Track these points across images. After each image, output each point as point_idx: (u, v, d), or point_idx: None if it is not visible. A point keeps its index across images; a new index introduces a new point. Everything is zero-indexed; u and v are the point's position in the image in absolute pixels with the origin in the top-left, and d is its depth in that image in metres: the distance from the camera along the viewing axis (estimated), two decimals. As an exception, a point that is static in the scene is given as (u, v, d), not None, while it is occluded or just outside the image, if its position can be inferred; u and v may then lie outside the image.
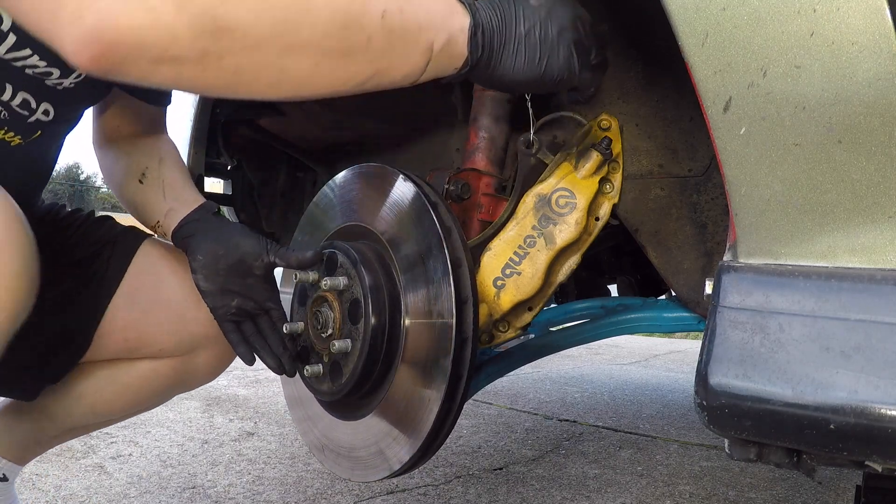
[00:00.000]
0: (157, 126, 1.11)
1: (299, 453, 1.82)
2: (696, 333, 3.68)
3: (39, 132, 0.88)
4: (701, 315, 0.99)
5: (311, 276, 0.90)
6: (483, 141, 1.03)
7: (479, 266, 0.91)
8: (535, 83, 0.74)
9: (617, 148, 0.87)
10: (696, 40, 0.55)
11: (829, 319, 0.52)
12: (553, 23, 0.72)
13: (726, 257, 0.60)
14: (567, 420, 2.37)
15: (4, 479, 1.10)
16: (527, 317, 0.93)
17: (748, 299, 0.56)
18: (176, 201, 0.98)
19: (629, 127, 1.04)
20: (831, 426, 0.49)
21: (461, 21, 0.68)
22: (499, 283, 0.90)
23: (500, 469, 1.77)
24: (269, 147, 1.61)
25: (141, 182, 1.03)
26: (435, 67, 0.68)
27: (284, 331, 0.95)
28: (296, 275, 0.91)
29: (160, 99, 1.09)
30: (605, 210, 0.94)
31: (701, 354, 0.57)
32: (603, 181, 0.92)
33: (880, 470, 0.55)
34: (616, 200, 0.93)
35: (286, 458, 1.78)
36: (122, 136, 1.09)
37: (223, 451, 1.81)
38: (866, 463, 0.53)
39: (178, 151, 1.10)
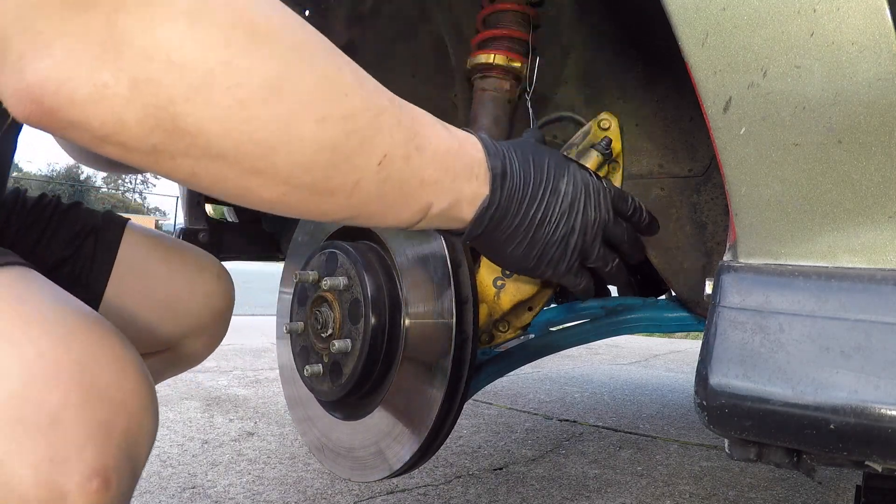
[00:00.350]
0: None
1: (299, 453, 1.82)
2: (696, 333, 3.69)
3: None
4: (701, 315, 0.99)
5: (311, 275, 0.90)
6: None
7: (479, 266, 0.91)
8: (521, 271, 0.69)
9: (617, 147, 0.87)
10: (696, 40, 0.55)
11: (829, 319, 0.52)
12: (567, 222, 0.66)
13: (726, 257, 0.60)
14: (567, 420, 2.37)
15: None
16: (527, 317, 0.93)
17: (748, 299, 0.56)
18: None
19: (629, 127, 1.04)
20: (831, 426, 0.49)
21: (476, 190, 0.60)
22: (499, 283, 0.89)
23: (500, 469, 1.77)
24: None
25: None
26: (426, 225, 0.60)
27: (284, 330, 0.95)
28: (296, 275, 0.91)
29: None
30: None
31: (701, 354, 0.57)
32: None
33: (880, 470, 0.55)
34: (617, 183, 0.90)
35: (286, 458, 1.77)
36: None
37: (223, 451, 1.81)
38: (866, 463, 0.53)
39: None
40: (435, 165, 0.56)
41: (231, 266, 1.69)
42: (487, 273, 0.90)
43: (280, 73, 0.44)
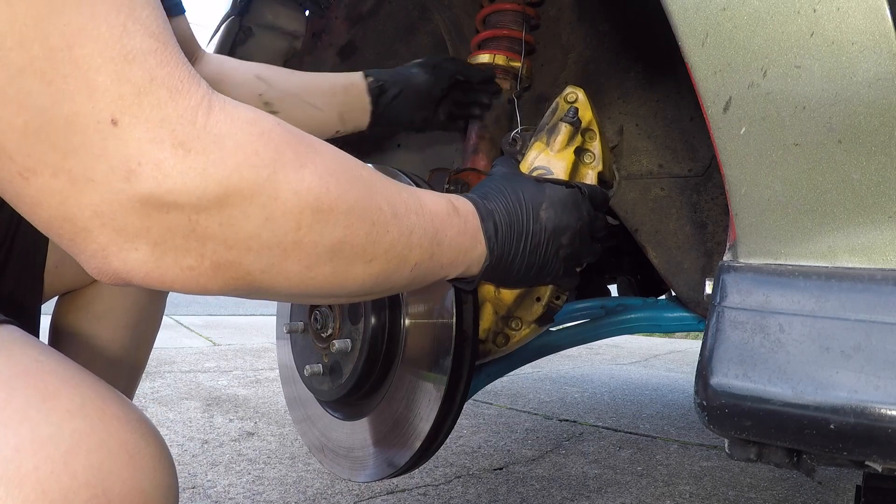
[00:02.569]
0: (189, 49, 0.99)
1: (299, 453, 1.82)
2: (696, 333, 3.69)
3: None
4: (701, 315, 0.99)
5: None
6: (483, 141, 1.03)
7: None
8: (522, 287, 0.81)
9: (588, 115, 0.85)
10: (696, 40, 0.55)
11: (829, 319, 0.52)
12: (554, 241, 0.74)
13: (726, 257, 0.60)
14: (567, 420, 2.37)
15: None
16: (537, 308, 0.90)
17: (748, 299, 0.56)
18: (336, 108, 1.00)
19: (629, 127, 1.04)
20: (831, 426, 0.49)
21: (480, 253, 0.69)
22: None
23: (500, 469, 1.77)
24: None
25: (276, 112, 0.97)
26: (439, 281, 0.69)
27: (284, 331, 0.94)
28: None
29: (166, 9, 0.94)
30: (590, 180, 0.90)
31: (701, 354, 0.57)
32: (580, 151, 0.87)
33: (880, 470, 0.55)
34: (601, 168, 0.88)
35: (286, 458, 1.78)
36: None
37: (223, 451, 1.81)
38: (866, 463, 0.53)
39: (242, 64, 1.01)
40: (452, 251, 0.65)
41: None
42: None
43: (340, 237, 0.52)
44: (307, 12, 1.32)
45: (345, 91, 1.03)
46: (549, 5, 1.10)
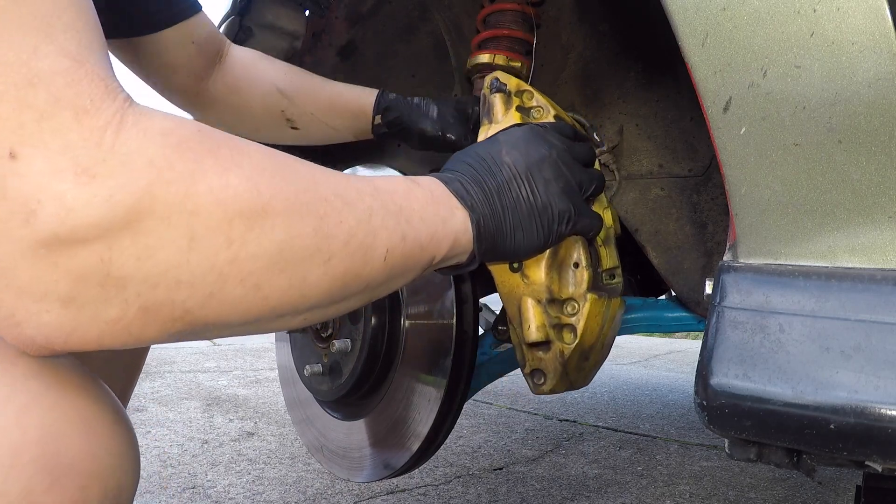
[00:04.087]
0: (215, 46, 0.94)
1: (299, 453, 1.82)
2: (696, 333, 3.69)
3: None
4: (701, 315, 0.99)
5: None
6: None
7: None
8: (541, 249, 0.70)
9: (513, 81, 0.80)
10: (696, 40, 0.55)
11: (829, 319, 0.52)
12: (535, 178, 0.67)
13: (726, 257, 0.60)
14: (567, 420, 2.37)
15: None
16: (581, 276, 0.76)
17: (748, 299, 0.56)
18: (355, 120, 0.96)
19: (629, 127, 1.04)
20: (831, 426, 0.49)
21: (462, 219, 0.62)
22: (514, 265, 0.77)
23: (500, 469, 1.77)
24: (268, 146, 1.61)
25: (296, 128, 0.95)
26: (434, 268, 0.62)
27: (284, 330, 0.94)
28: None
29: (177, 12, 0.88)
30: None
31: (701, 354, 0.57)
32: (524, 110, 0.80)
33: (880, 470, 0.55)
34: (553, 113, 0.80)
35: (286, 458, 1.77)
36: (201, 90, 0.94)
37: (223, 451, 1.81)
38: (866, 463, 0.53)
39: (272, 60, 0.98)
40: (427, 224, 0.58)
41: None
42: (496, 270, 0.78)
43: (283, 241, 0.45)
44: (307, 12, 1.32)
45: (354, 118, 1.01)
46: (549, 5, 1.10)
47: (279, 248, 0.44)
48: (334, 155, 1.56)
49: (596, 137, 1.04)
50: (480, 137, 0.78)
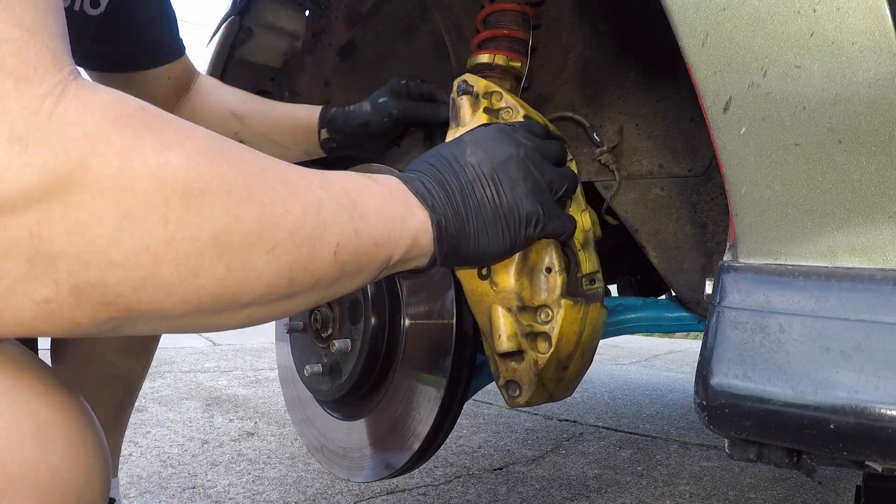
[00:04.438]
0: (187, 79, 1.04)
1: (299, 453, 1.82)
2: (696, 333, 3.69)
3: None
4: (701, 315, 0.99)
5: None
6: (483, 141, 1.03)
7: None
8: (509, 253, 0.66)
9: (481, 83, 0.78)
10: (696, 40, 0.55)
11: (829, 319, 0.52)
12: (500, 178, 0.63)
13: (726, 257, 0.60)
14: (567, 420, 2.37)
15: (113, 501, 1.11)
16: (555, 280, 0.73)
17: (748, 299, 0.56)
18: (299, 146, 1.00)
19: (629, 127, 1.04)
20: (831, 426, 0.49)
21: (422, 219, 0.59)
22: (483, 271, 0.74)
23: (500, 469, 1.77)
24: (269, 147, 1.61)
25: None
26: (393, 271, 0.60)
27: (284, 331, 0.95)
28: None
29: (163, 56, 1.00)
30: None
31: (701, 354, 0.57)
32: (492, 111, 0.77)
33: (880, 470, 0.55)
34: (524, 113, 0.77)
35: (286, 458, 1.77)
36: (172, 109, 1.03)
37: (223, 451, 1.81)
38: (866, 463, 0.53)
39: (230, 89, 1.06)
40: (383, 222, 0.55)
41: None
42: (464, 277, 0.75)
43: (223, 225, 0.43)
44: (307, 12, 1.32)
45: (305, 135, 1.06)
46: (549, 5, 1.10)
47: (218, 232, 0.42)
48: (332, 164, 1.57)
49: (596, 137, 1.04)
50: (448, 140, 0.75)
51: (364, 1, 1.31)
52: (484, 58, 1.04)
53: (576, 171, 0.83)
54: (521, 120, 0.75)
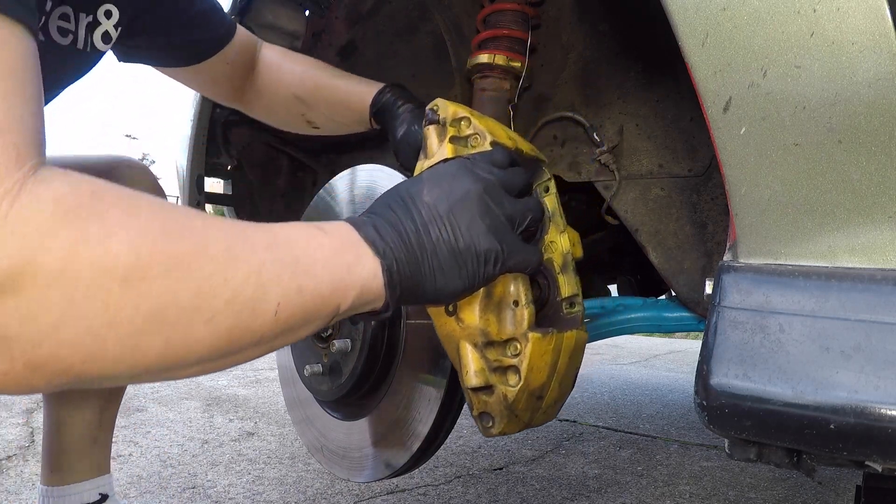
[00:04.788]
0: (248, 58, 1.06)
1: (299, 453, 1.82)
2: (696, 333, 3.69)
3: None
4: (701, 315, 0.99)
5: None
6: (483, 141, 1.03)
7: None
8: (469, 291, 0.66)
9: (450, 109, 0.75)
10: (696, 40, 0.55)
11: (829, 319, 0.52)
12: (459, 216, 0.62)
13: (726, 257, 0.60)
14: (567, 420, 2.37)
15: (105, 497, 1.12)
16: (522, 314, 0.72)
17: (748, 299, 0.56)
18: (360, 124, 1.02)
19: (629, 127, 1.04)
20: (831, 426, 0.49)
21: (371, 266, 0.59)
22: (449, 308, 0.74)
23: (500, 469, 1.77)
24: (269, 147, 1.61)
25: (316, 127, 1.04)
26: (345, 316, 0.61)
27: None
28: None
29: (213, 46, 1.01)
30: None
31: (701, 354, 0.57)
32: (459, 139, 0.75)
33: (880, 470, 0.55)
34: (491, 139, 0.75)
35: (286, 458, 1.78)
36: (239, 97, 1.07)
37: (223, 451, 1.81)
38: (866, 463, 0.53)
39: (292, 63, 1.07)
40: (330, 274, 0.57)
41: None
42: (433, 313, 0.73)
43: (160, 304, 0.46)
44: (307, 12, 1.32)
45: (359, 119, 1.06)
46: (550, 5, 1.10)
47: (155, 311, 0.46)
48: (342, 148, 1.57)
49: (596, 137, 1.04)
50: (415, 173, 0.74)
51: (364, 1, 1.31)
52: (484, 58, 1.04)
53: (552, 190, 0.81)
54: (488, 147, 0.73)
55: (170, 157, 1.73)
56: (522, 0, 1.04)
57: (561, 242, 0.79)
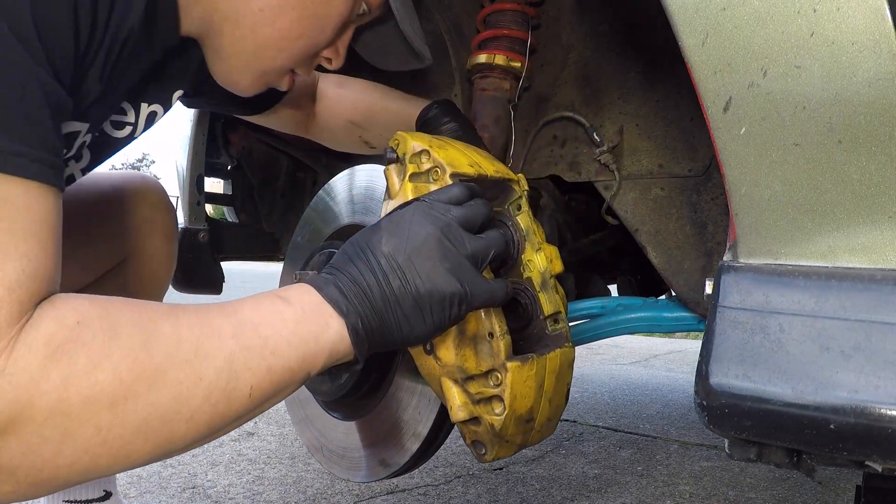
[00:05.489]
0: (309, 99, 1.11)
1: (299, 453, 1.82)
2: (696, 333, 3.68)
3: None
4: (701, 315, 0.99)
5: (311, 276, 0.90)
6: (483, 140, 1.03)
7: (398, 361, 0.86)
8: (437, 334, 0.67)
9: (407, 144, 0.75)
10: (696, 40, 0.55)
11: (829, 319, 0.52)
12: (419, 263, 0.63)
13: (726, 257, 0.60)
14: (567, 420, 2.37)
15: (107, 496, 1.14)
16: (498, 345, 0.72)
17: (748, 299, 0.56)
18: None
19: (629, 127, 1.04)
20: (831, 426, 0.49)
21: (337, 328, 0.61)
22: (427, 346, 0.74)
23: (500, 469, 1.77)
24: (269, 147, 1.61)
25: (373, 147, 1.10)
26: (317, 375, 0.64)
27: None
28: (296, 275, 0.91)
29: (271, 97, 1.03)
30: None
31: (701, 354, 0.57)
32: (419, 176, 0.75)
33: (880, 470, 0.55)
34: (451, 171, 0.74)
35: (286, 458, 1.78)
36: (306, 130, 1.14)
37: (223, 451, 1.81)
38: (866, 463, 0.53)
39: (346, 89, 1.12)
40: (297, 348, 0.60)
41: (230, 266, 1.69)
42: (413, 352, 0.74)
43: (144, 417, 0.52)
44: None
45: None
46: (549, 5, 1.10)
47: (141, 423, 0.52)
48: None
49: (596, 137, 1.04)
50: (382, 214, 0.74)
51: (364, 1, 1.31)
52: (483, 58, 1.04)
53: (524, 208, 0.81)
54: (448, 181, 0.72)
55: (170, 157, 1.73)
56: (522, 0, 1.04)
57: (538, 260, 0.79)
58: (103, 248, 1.04)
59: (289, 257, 1.08)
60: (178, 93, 0.87)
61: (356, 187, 0.97)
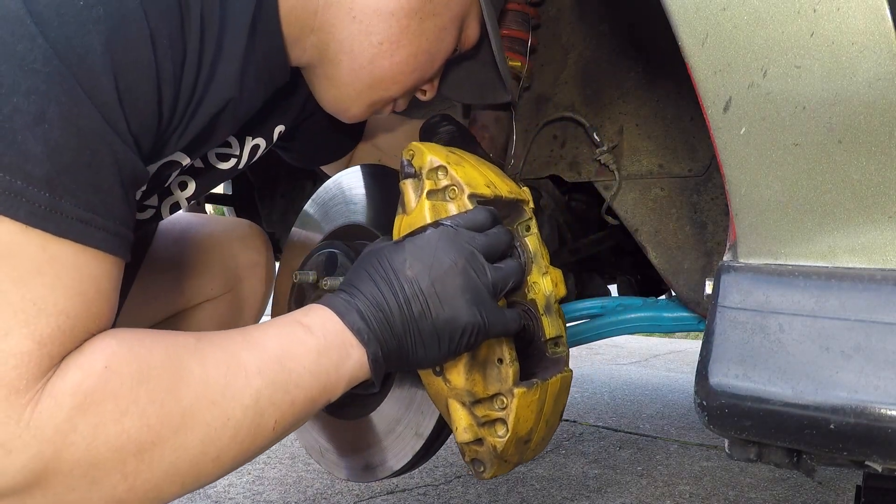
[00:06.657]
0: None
1: (299, 453, 1.82)
2: (696, 333, 3.68)
3: None
4: (701, 315, 0.99)
5: (311, 276, 0.90)
6: (483, 140, 1.03)
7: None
8: (451, 358, 0.68)
9: (424, 157, 0.74)
10: (696, 40, 0.55)
11: (829, 319, 0.52)
12: (440, 292, 0.63)
13: (726, 257, 0.60)
14: (567, 420, 2.37)
15: None
16: (507, 371, 0.74)
17: (748, 299, 0.56)
18: None
19: (629, 127, 1.04)
20: (831, 426, 0.49)
21: (358, 357, 0.63)
22: (436, 368, 0.75)
23: (500, 469, 1.77)
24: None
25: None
26: (336, 398, 0.65)
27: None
28: (295, 275, 0.91)
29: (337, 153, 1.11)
30: (461, 209, 0.73)
31: (701, 354, 0.57)
32: (436, 193, 0.74)
33: (880, 470, 0.55)
34: (469, 192, 0.73)
35: (286, 458, 1.78)
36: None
37: (223, 451, 1.81)
38: (866, 463, 0.53)
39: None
40: (318, 379, 0.61)
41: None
42: (421, 372, 0.75)
43: (172, 461, 0.52)
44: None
45: None
46: (550, 5, 1.10)
47: (169, 467, 0.53)
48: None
49: (596, 137, 1.04)
50: (395, 228, 0.75)
51: (364, 1, 1.31)
52: (484, 58, 1.04)
53: (532, 229, 0.81)
54: (466, 201, 0.72)
55: (170, 157, 1.73)
56: (522, 0, 1.04)
57: (543, 284, 0.80)
58: (205, 281, 1.08)
59: (285, 257, 1.08)
60: (280, 128, 0.88)
61: (356, 187, 0.97)
